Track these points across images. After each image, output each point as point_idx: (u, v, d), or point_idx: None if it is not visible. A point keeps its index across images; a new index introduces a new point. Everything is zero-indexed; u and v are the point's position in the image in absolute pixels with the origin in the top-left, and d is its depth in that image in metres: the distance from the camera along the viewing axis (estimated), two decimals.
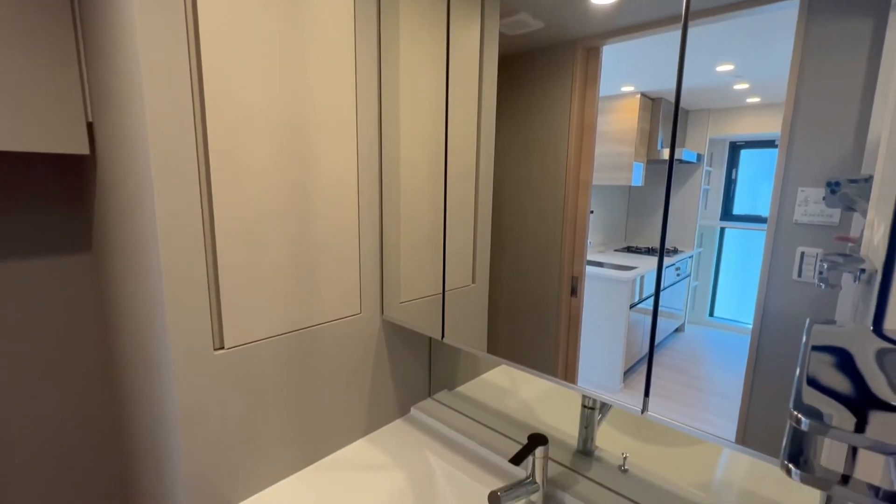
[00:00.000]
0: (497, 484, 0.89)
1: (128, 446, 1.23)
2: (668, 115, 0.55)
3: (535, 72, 0.68)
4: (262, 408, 0.83)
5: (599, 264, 0.62)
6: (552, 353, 0.69)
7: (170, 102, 0.65)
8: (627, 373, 0.59)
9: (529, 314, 0.72)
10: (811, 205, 0.43)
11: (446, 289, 0.86)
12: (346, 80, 0.86)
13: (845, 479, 0.23)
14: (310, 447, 0.93)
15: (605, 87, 0.62)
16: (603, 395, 0.63)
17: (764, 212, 0.46)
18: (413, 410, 1.15)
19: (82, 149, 0.92)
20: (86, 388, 1.28)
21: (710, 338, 0.53)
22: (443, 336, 0.87)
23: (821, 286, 0.42)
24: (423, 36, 0.83)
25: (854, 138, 0.40)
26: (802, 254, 0.43)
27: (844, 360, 0.22)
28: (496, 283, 0.77)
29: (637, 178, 0.59)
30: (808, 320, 0.29)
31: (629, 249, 0.60)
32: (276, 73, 0.75)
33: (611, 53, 0.61)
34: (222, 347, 0.75)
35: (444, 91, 0.80)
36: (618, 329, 0.60)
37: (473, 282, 0.81)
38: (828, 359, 0.22)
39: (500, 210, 0.75)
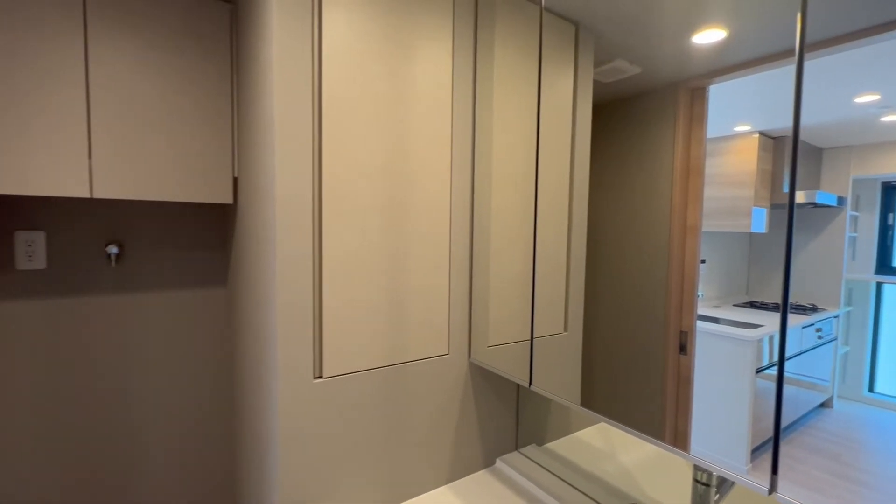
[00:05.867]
0: None
1: (238, 452, 1.33)
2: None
3: (634, 116, 0.65)
4: (352, 439, 0.85)
5: (715, 320, 0.55)
6: (658, 415, 0.62)
7: (295, 159, 0.75)
8: (757, 451, 0.51)
9: (630, 369, 0.66)
10: None
11: (536, 335, 0.82)
12: (443, 132, 0.91)
13: None
14: (394, 487, 0.92)
15: (714, 127, 0.57)
16: (719, 468, 0.54)
17: None
18: (498, 462, 1.09)
19: (228, 199, 1.14)
20: (213, 395, 1.45)
21: (869, 418, 0.43)
22: (530, 383, 0.83)
23: None
24: (517, 89, 0.85)
25: None
26: None
27: None
28: (591, 333, 0.72)
29: (759, 224, 0.53)
30: None
31: (752, 305, 0.52)
32: (381, 128, 0.82)
33: (719, 92, 0.57)
34: (321, 377, 0.80)
35: (535, 140, 0.80)
36: (741, 396, 0.53)
37: (566, 330, 0.77)
38: None
39: (597, 256, 0.71)
